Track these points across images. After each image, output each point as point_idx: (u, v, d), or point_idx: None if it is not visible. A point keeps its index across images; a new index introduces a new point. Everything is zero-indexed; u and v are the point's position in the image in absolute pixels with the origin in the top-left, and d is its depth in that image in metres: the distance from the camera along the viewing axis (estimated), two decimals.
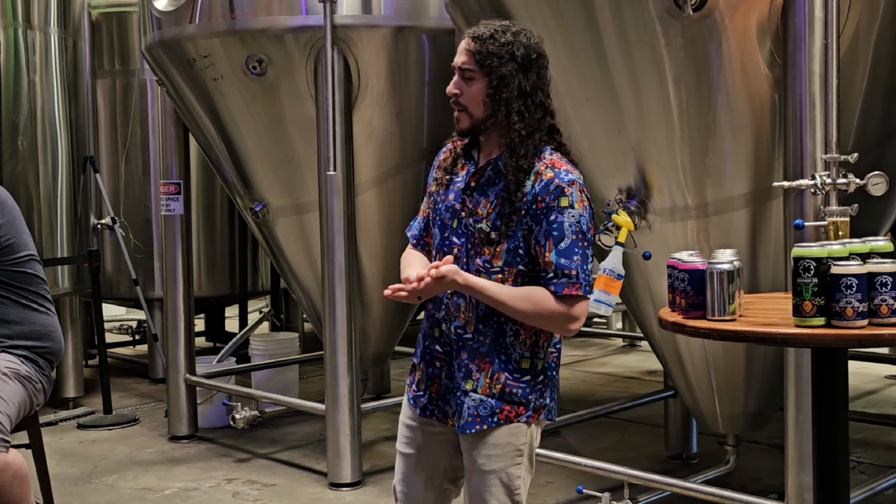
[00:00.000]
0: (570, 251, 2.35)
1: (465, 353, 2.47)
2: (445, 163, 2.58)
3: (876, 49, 3.52)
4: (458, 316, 2.48)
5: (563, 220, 2.35)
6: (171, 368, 5.90)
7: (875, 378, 6.93)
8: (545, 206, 2.36)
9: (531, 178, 2.38)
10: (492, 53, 2.37)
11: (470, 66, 2.39)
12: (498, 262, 2.42)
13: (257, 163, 5.33)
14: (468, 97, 2.41)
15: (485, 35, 2.39)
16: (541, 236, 2.37)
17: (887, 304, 2.08)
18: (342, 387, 4.86)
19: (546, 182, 2.37)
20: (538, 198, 2.36)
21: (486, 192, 2.44)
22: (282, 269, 5.88)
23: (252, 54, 4.86)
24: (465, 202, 2.47)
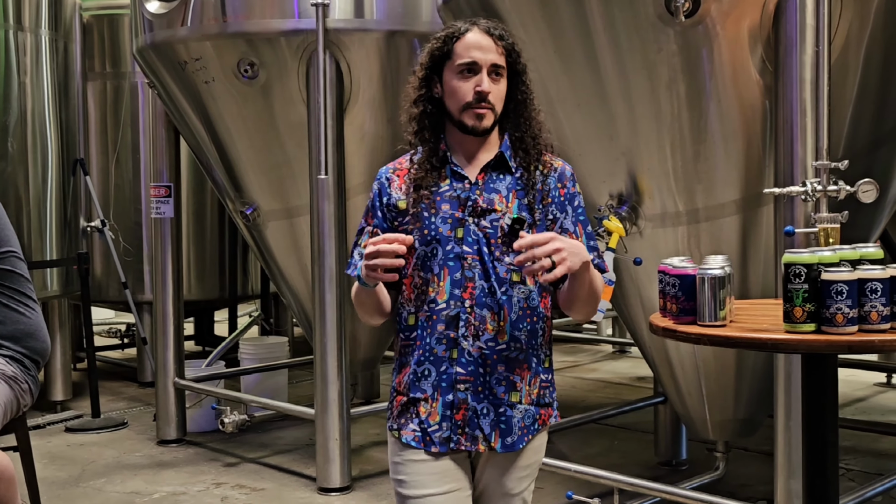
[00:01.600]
0: (593, 235, 2.40)
1: (501, 365, 2.30)
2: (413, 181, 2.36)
3: (866, 57, 3.53)
4: (484, 329, 2.29)
5: (581, 205, 2.39)
6: (159, 372, 5.88)
7: (864, 385, 6.95)
8: (567, 192, 2.36)
9: (542, 168, 2.36)
10: (517, 51, 2.34)
11: (502, 63, 2.31)
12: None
13: (248, 166, 5.32)
14: (496, 95, 2.31)
15: (503, 33, 2.34)
16: (567, 222, 2.34)
17: (877, 310, 2.07)
18: (332, 391, 4.84)
19: (561, 170, 2.38)
20: (559, 185, 2.36)
21: (496, 188, 2.33)
22: (272, 273, 5.87)
23: (244, 57, 4.85)
24: (477, 203, 2.31)
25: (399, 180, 2.39)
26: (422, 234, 2.34)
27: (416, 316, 2.33)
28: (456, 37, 2.33)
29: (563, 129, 4.00)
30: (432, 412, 2.31)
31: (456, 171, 2.34)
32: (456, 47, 2.31)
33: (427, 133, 2.36)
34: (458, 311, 2.28)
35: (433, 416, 2.31)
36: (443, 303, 2.30)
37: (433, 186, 2.34)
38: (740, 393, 4.16)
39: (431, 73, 2.35)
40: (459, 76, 2.30)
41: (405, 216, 2.36)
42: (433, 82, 2.35)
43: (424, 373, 2.32)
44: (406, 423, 2.34)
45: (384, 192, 2.41)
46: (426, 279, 2.33)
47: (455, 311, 2.28)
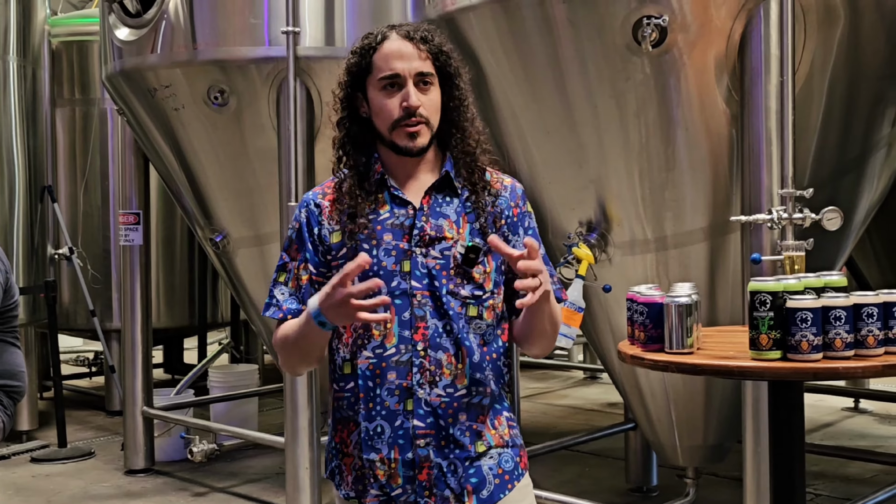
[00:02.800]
0: (546, 257, 2.09)
1: (463, 414, 2.02)
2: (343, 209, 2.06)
3: (830, 86, 3.59)
4: (441, 374, 2.01)
5: (534, 226, 2.17)
6: (127, 400, 5.82)
7: (832, 410, 7.00)
8: (521, 212, 2.13)
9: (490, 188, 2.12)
10: (445, 53, 2.07)
11: (430, 69, 2.04)
12: (489, 284, 2.05)
13: (218, 193, 5.31)
14: (429, 107, 2.04)
15: (431, 35, 2.07)
16: (519, 245, 2.03)
17: (841, 337, 2.10)
18: (302, 419, 4.81)
19: (511, 188, 2.14)
20: (512, 205, 2.11)
21: (443, 213, 2.06)
22: (241, 300, 5.84)
23: (214, 84, 4.85)
24: (424, 232, 2.03)
25: (330, 208, 2.09)
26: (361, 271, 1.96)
27: (353, 364, 2.03)
28: (373, 48, 2.05)
29: (532, 157, 4.02)
30: (392, 474, 2.01)
31: (396, 195, 2.07)
32: (375, 59, 2.04)
33: (353, 157, 2.10)
34: (409, 355, 1.99)
35: (394, 478, 2.01)
36: (392, 347, 2.00)
37: (371, 214, 2.05)
38: (709, 419, 4.18)
39: (353, 91, 2.08)
40: (383, 92, 2.03)
41: (339, 250, 2.05)
42: (357, 101, 2.08)
43: (377, 430, 2.02)
44: (365, 489, 2.04)
45: (313, 221, 2.09)
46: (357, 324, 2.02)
47: (407, 356, 1.99)
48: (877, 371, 2.12)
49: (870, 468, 5.40)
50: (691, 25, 3.39)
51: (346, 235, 2.05)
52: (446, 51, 2.07)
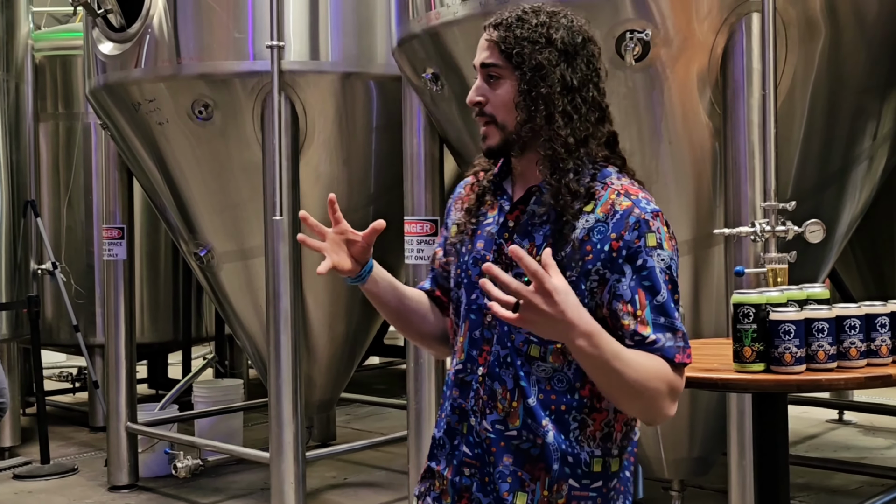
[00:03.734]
0: (669, 307, 1.71)
1: (508, 456, 1.79)
2: (469, 202, 1.93)
3: (812, 99, 3.61)
4: (493, 406, 1.80)
5: (654, 266, 1.71)
6: (111, 416, 5.79)
7: (817, 422, 7.02)
8: (624, 246, 1.72)
9: (597, 209, 1.76)
10: (522, 39, 1.77)
11: (495, 60, 1.79)
12: None
13: (202, 207, 5.29)
14: (496, 103, 1.79)
15: (510, 19, 1.80)
16: (623, 289, 1.70)
17: (824, 349, 2.11)
18: (287, 434, 4.79)
19: (623, 213, 1.73)
20: (612, 236, 1.73)
21: (531, 233, 1.80)
22: (226, 315, 5.82)
23: (198, 99, 4.85)
24: (503, 249, 1.82)
25: (465, 190, 1.98)
26: (455, 274, 1.90)
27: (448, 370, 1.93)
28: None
29: None
30: (444, 490, 1.88)
31: (501, 201, 1.88)
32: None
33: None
34: (471, 377, 1.83)
35: (445, 495, 1.88)
36: (459, 363, 1.87)
37: (482, 216, 1.89)
38: (694, 431, 4.18)
39: None
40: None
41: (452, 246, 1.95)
42: None
43: (441, 442, 1.91)
44: (425, 494, 1.94)
45: (449, 210, 2.02)
46: (454, 327, 1.92)
47: (470, 377, 1.83)
48: (859, 383, 2.14)
49: (854, 479, 5.41)
50: (674, 40, 3.41)
51: (456, 232, 1.94)
52: (521, 36, 1.77)
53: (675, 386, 1.69)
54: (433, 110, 4.33)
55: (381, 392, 8.15)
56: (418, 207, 4.38)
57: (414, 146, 4.41)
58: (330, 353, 5.57)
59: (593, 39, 1.83)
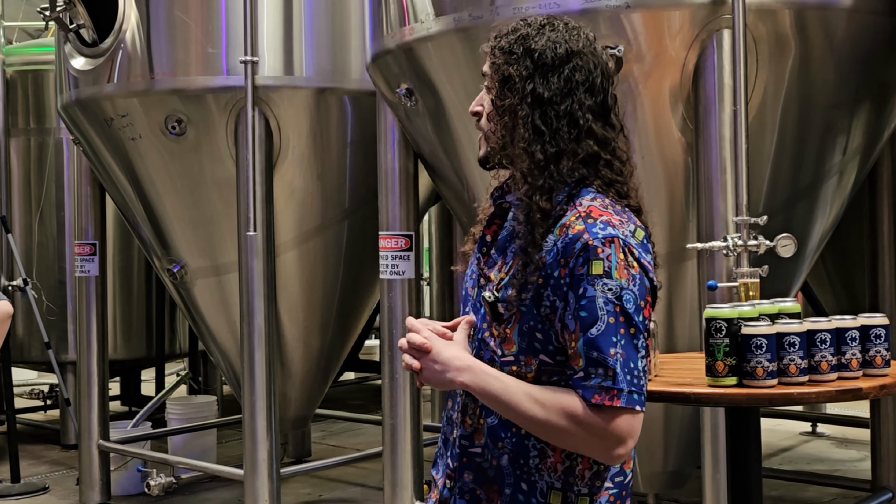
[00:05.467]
0: (606, 341, 1.60)
1: (469, 473, 1.77)
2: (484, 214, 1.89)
3: (783, 115, 3.65)
4: (462, 422, 1.78)
5: (596, 296, 1.61)
6: (83, 434, 5.72)
7: (790, 435, 7.06)
8: (569, 273, 1.64)
9: (555, 231, 1.68)
10: (501, 49, 1.74)
11: (486, 70, 1.77)
12: (510, 347, 1.71)
13: (175, 223, 5.27)
14: (486, 114, 1.79)
15: (504, 30, 1.77)
16: (568, 318, 1.64)
17: (795, 363, 2.12)
18: (261, 451, 4.76)
19: (572, 238, 1.64)
20: (560, 260, 1.65)
21: (505, 249, 1.77)
22: (200, 332, 5.78)
23: (171, 114, 4.83)
24: (480, 264, 1.82)
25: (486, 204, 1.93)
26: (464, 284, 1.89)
27: None
28: None
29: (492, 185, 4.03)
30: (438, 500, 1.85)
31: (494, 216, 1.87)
32: None
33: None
34: (457, 390, 1.78)
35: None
36: None
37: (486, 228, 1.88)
38: (669, 445, 4.19)
39: None
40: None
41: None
42: None
43: (440, 451, 1.89)
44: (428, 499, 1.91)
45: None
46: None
47: (456, 389, 1.78)
48: (830, 396, 2.15)
49: (827, 492, 5.44)
50: (646, 56, 3.44)
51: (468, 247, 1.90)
52: (501, 47, 1.74)
53: (588, 424, 1.60)
54: (407, 125, 4.34)
55: (356, 408, 8.12)
56: (393, 223, 4.38)
57: (388, 161, 4.41)
58: (305, 369, 5.54)
59: (586, 53, 1.75)
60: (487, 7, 3.60)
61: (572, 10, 3.39)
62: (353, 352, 7.64)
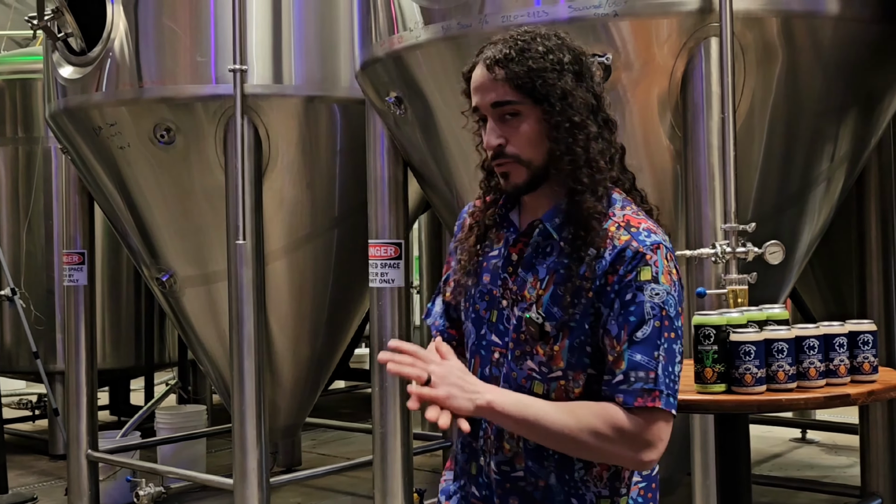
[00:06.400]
0: (650, 344, 1.63)
1: (514, 498, 1.76)
2: (472, 234, 1.86)
3: (771, 122, 3.66)
4: (500, 447, 1.76)
5: (644, 300, 1.65)
6: (72, 444, 5.70)
7: (780, 441, 7.07)
8: (618, 280, 1.67)
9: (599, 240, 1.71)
10: (539, 70, 1.70)
11: (511, 97, 1.70)
12: (558, 363, 1.71)
13: (164, 232, 5.25)
14: (519, 142, 1.71)
15: (511, 53, 1.71)
16: (611, 323, 1.66)
17: (784, 370, 2.13)
18: (250, 460, 4.75)
19: (621, 248, 1.68)
20: (609, 270, 1.68)
21: (534, 266, 1.75)
22: (189, 340, 5.76)
23: (160, 123, 4.82)
24: (507, 283, 1.78)
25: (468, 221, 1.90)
26: (465, 308, 1.86)
27: None
28: (468, 76, 1.79)
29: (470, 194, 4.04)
30: None
31: (507, 233, 1.83)
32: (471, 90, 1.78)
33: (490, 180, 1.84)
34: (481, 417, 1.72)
35: None
36: None
37: (487, 248, 1.84)
38: None
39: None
40: (480, 127, 1.78)
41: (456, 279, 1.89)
42: None
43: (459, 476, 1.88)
44: None
45: (456, 234, 1.95)
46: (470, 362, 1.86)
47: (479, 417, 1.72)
48: (819, 403, 2.16)
49: (818, 498, 5.45)
50: (634, 63, 3.45)
51: (460, 266, 1.86)
52: (536, 68, 1.70)
53: (624, 430, 1.62)
54: (397, 134, 4.34)
55: (346, 416, 8.10)
56: (382, 231, 4.38)
57: (377, 169, 4.41)
58: (294, 378, 5.53)
59: (586, 52, 1.80)
60: (476, 15, 3.60)
61: (561, 19, 3.40)
62: (344, 360, 7.62)
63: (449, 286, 1.95)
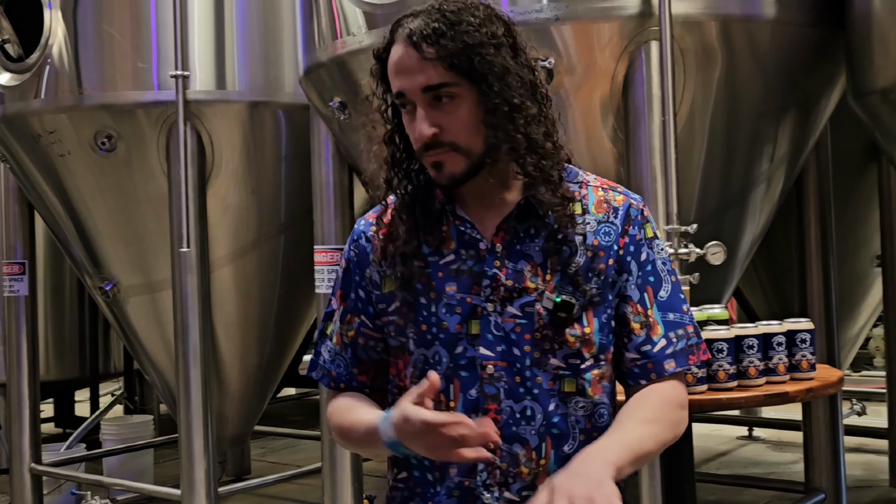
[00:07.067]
0: (675, 298, 1.60)
1: None
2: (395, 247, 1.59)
3: (711, 125, 3.71)
4: (516, 473, 1.53)
5: (655, 258, 1.61)
6: (14, 458, 5.59)
7: (728, 439, 7.16)
8: (630, 241, 1.58)
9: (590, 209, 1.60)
10: (474, 46, 1.50)
11: (445, 79, 1.50)
12: (590, 350, 1.55)
13: (107, 240, 5.18)
14: (456, 128, 1.51)
15: (441, 28, 1.50)
16: (631, 288, 1.57)
17: (724, 369, 2.16)
18: (198, 470, 4.69)
19: (623, 207, 1.60)
20: (620, 233, 1.58)
21: (525, 252, 1.56)
22: (134, 350, 5.69)
23: (101, 130, 4.75)
24: (498, 281, 1.54)
25: (383, 244, 1.63)
26: (418, 332, 1.57)
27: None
28: (384, 54, 1.58)
29: None
30: None
31: (464, 230, 1.58)
32: (388, 69, 1.57)
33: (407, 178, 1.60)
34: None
35: None
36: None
37: (431, 256, 1.58)
38: None
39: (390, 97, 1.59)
40: (404, 112, 1.56)
41: (391, 303, 1.60)
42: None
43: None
44: None
45: (363, 259, 1.65)
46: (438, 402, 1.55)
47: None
48: (759, 401, 2.19)
49: (763, 495, 5.53)
50: (577, 67, 3.47)
51: (399, 284, 1.58)
52: (472, 43, 1.50)
53: (683, 399, 1.59)
54: (341, 139, 4.33)
55: (296, 423, 8.05)
56: (328, 237, 4.36)
57: (323, 175, 4.39)
58: (242, 386, 5.48)
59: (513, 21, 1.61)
60: None
61: None
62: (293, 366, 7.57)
63: (351, 323, 1.67)
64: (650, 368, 1.57)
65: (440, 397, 1.54)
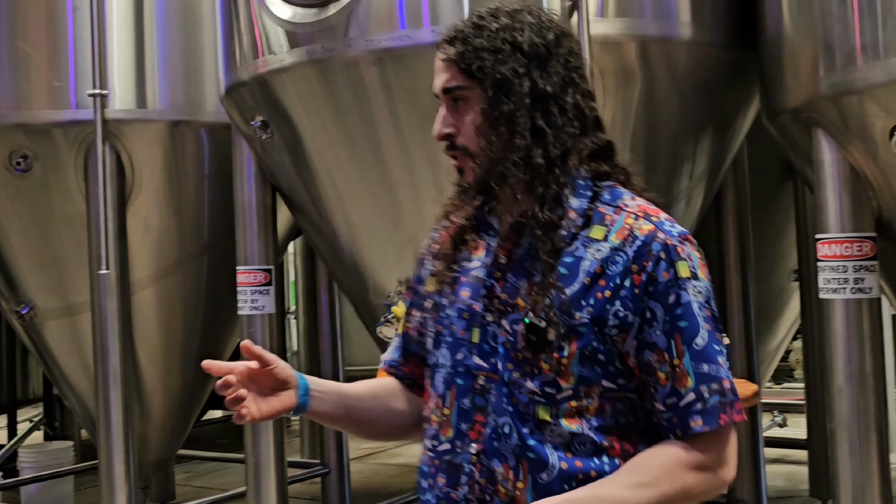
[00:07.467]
0: (711, 349, 1.44)
1: None
2: (444, 248, 1.63)
3: (632, 143, 3.76)
4: (494, 491, 1.48)
5: (690, 301, 1.44)
6: None
7: None
8: (648, 280, 1.44)
9: (611, 235, 1.48)
10: (483, 49, 1.49)
11: (458, 81, 1.51)
12: (567, 381, 1.45)
13: (23, 262, 5.05)
14: (467, 132, 1.52)
15: (466, 30, 1.51)
16: (656, 335, 1.43)
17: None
18: (119, 497, 4.60)
19: (644, 239, 1.46)
20: (632, 267, 1.44)
21: (527, 269, 1.51)
22: (52, 375, 5.55)
23: (16, 150, 4.65)
24: (494, 292, 1.52)
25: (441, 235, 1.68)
26: (435, 332, 1.60)
27: (424, 452, 1.59)
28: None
29: (350, 218, 4.03)
30: None
31: (488, 238, 1.58)
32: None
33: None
34: (462, 457, 1.50)
35: None
36: (446, 441, 1.53)
37: (465, 259, 1.59)
38: None
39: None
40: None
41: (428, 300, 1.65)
42: None
43: None
44: None
45: (423, 262, 1.71)
46: (434, 400, 1.59)
47: (459, 458, 1.50)
48: None
49: None
50: None
51: (436, 281, 1.62)
52: (480, 47, 1.48)
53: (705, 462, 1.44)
54: (264, 158, 4.29)
55: (223, 447, 7.93)
56: (251, 257, 4.31)
57: (245, 195, 4.34)
58: (165, 410, 5.38)
59: (569, 34, 1.56)
60: (341, 39, 3.59)
61: (424, 43, 3.42)
62: None
63: (412, 316, 1.71)
64: (675, 423, 1.45)
65: (439, 402, 1.57)
